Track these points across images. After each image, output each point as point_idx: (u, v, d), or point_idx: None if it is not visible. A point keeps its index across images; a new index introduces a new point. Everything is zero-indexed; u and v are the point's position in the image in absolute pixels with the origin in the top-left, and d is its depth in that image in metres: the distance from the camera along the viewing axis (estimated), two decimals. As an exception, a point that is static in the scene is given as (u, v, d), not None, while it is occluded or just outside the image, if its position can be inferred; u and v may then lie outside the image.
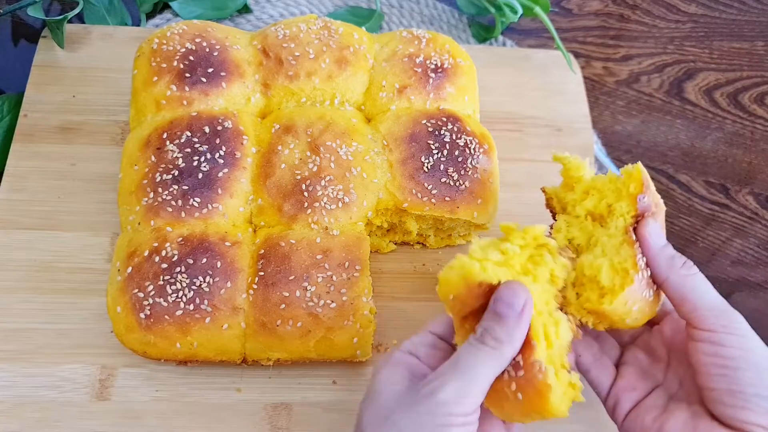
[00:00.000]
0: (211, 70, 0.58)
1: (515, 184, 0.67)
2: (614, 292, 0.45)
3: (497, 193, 0.59)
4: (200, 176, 0.54)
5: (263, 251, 0.53)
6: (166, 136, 0.55)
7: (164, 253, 0.51)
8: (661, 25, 0.87)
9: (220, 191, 0.54)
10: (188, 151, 0.55)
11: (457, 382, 0.38)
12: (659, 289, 0.45)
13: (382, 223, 0.58)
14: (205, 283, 0.50)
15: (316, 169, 0.55)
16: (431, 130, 0.58)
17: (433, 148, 0.58)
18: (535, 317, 0.41)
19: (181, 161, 0.54)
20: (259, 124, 0.60)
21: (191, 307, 0.50)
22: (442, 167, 0.57)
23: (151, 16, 0.78)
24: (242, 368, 0.55)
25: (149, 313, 0.50)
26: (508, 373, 0.40)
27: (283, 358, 0.52)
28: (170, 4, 0.76)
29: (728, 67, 0.84)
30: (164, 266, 0.51)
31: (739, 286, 0.73)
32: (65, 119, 0.65)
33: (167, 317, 0.50)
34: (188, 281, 0.50)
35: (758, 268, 0.74)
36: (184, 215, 0.53)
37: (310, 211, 0.54)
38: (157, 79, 0.58)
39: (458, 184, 0.57)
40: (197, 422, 0.53)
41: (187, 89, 0.58)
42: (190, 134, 0.55)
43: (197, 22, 0.62)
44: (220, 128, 0.56)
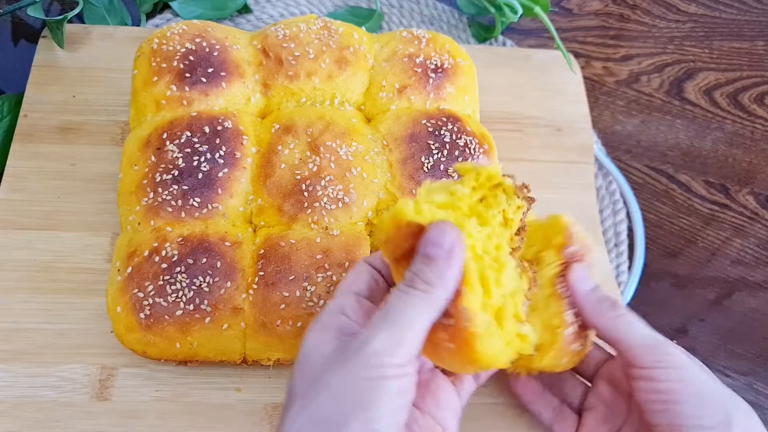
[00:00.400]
0: (211, 70, 0.58)
1: (515, 184, 0.67)
2: (544, 349, 0.45)
3: (497, 193, 0.59)
4: (200, 176, 0.54)
5: (263, 251, 0.53)
6: (166, 136, 0.55)
7: (164, 253, 0.51)
8: (661, 25, 0.87)
9: (220, 191, 0.54)
10: (188, 151, 0.55)
11: (388, 330, 0.35)
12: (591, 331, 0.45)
13: (382, 223, 0.59)
14: (205, 283, 0.50)
15: (316, 169, 0.55)
16: (431, 130, 0.58)
17: (433, 148, 0.58)
18: (470, 261, 0.39)
19: (181, 161, 0.54)
20: (259, 124, 0.60)
21: (191, 307, 0.50)
22: (442, 167, 0.57)
23: (151, 16, 0.78)
24: (242, 368, 0.55)
25: (149, 313, 0.50)
26: (440, 320, 0.38)
27: (283, 358, 0.52)
28: (170, 4, 0.76)
29: (728, 67, 0.84)
30: (164, 266, 0.51)
31: (739, 286, 0.73)
32: (65, 119, 0.65)
33: (167, 317, 0.50)
34: (188, 281, 0.50)
35: (758, 268, 0.74)
36: (184, 215, 0.53)
37: (310, 211, 0.54)
38: (157, 79, 0.58)
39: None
40: (197, 422, 0.53)
41: (187, 89, 0.58)
42: (190, 134, 0.55)
43: (197, 22, 0.62)
44: (220, 128, 0.56)
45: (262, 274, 0.52)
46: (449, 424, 0.43)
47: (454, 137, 0.58)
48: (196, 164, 0.54)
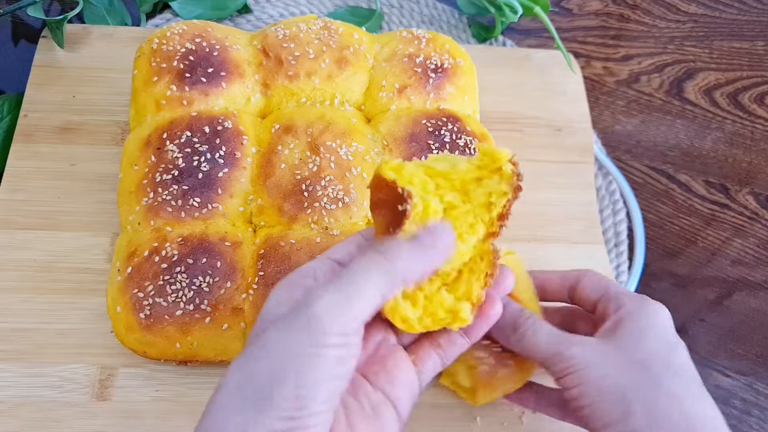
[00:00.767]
0: (211, 70, 0.58)
1: (515, 184, 0.67)
2: (474, 390, 0.50)
3: (497, 193, 0.59)
4: (200, 176, 0.54)
5: (263, 251, 0.53)
6: (166, 136, 0.55)
7: (164, 253, 0.51)
8: (661, 25, 0.87)
9: (220, 191, 0.54)
10: (188, 151, 0.55)
11: (336, 294, 0.33)
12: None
13: (382, 223, 0.59)
14: (205, 283, 0.50)
15: (316, 169, 0.55)
16: (431, 130, 0.58)
17: (433, 148, 0.58)
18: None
19: (181, 161, 0.54)
20: (259, 124, 0.60)
21: (191, 307, 0.50)
22: (442, 167, 0.57)
23: (151, 16, 0.78)
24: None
25: (149, 313, 0.50)
26: None
27: (283, 358, 0.52)
28: (170, 4, 0.76)
29: (728, 67, 0.84)
30: (164, 266, 0.51)
31: (739, 286, 0.73)
32: (65, 119, 0.65)
33: (167, 317, 0.50)
34: (188, 281, 0.50)
35: (758, 268, 0.74)
36: (184, 215, 0.53)
37: (310, 211, 0.54)
38: (157, 79, 0.58)
39: (458, 184, 0.57)
40: (197, 422, 0.53)
41: (187, 89, 0.58)
42: (190, 134, 0.55)
43: (197, 22, 0.62)
44: (220, 128, 0.56)
45: (262, 274, 0.52)
46: (402, 404, 0.40)
47: (454, 137, 0.58)
48: (196, 164, 0.54)
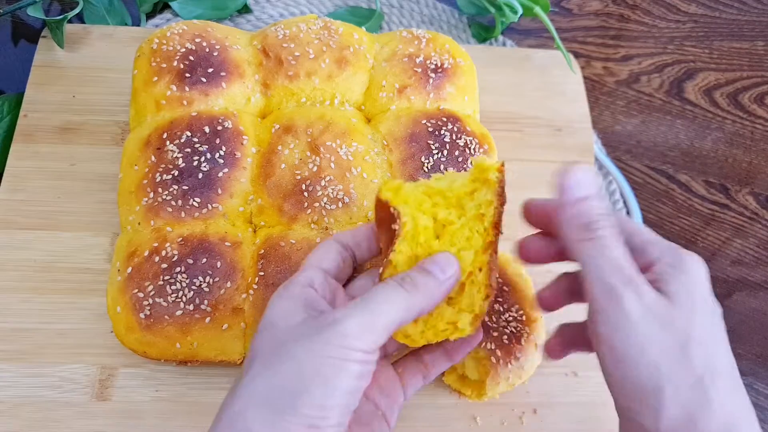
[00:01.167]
0: (211, 70, 0.58)
1: (515, 184, 0.66)
2: (482, 383, 0.52)
3: (497, 193, 0.59)
4: (200, 176, 0.54)
5: (263, 251, 0.53)
6: (166, 136, 0.55)
7: (164, 253, 0.51)
8: (661, 25, 0.87)
9: (220, 191, 0.54)
10: (188, 151, 0.55)
11: (363, 316, 0.36)
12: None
13: (382, 223, 0.59)
14: (205, 283, 0.50)
15: (316, 169, 0.55)
16: (431, 130, 0.58)
17: (433, 148, 0.58)
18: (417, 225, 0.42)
19: (181, 161, 0.54)
20: (259, 124, 0.60)
21: (191, 307, 0.50)
22: (442, 167, 0.57)
23: (151, 16, 0.78)
24: (242, 368, 0.55)
25: (149, 313, 0.50)
26: None
27: (283, 358, 0.52)
28: (170, 4, 0.76)
29: (728, 67, 0.84)
30: (164, 266, 0.51)
31: (739, 286, 0.73)
32: (65, 119, 0.65)
33: (167, 317, 0.50)
34: (188, 281, 0.50)
35: (758, 268, 0.74)
36: (184, 215, 0.53)
37: (310, 211, 0.54)
38: (157, 79, 0.58)
39: (458, 184, 0.57)
40: (197, 422, 0.53)
41: (187, 89, 0.58)
42: (190, 134, 0.55)
43: (197, 22, 0.62)
44: (220, 128, 0.56)
45: (262, 274, 0.52)
46: (391, 415, 0.44)
47: (454, 137, 0.58)
48: (196, 164, 0.54)
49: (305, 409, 0.33)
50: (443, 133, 0.58)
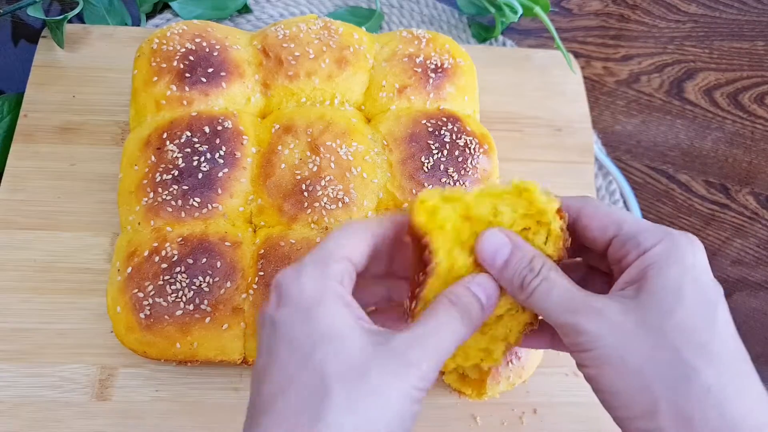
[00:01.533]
0: (211, 70, 0.58)
1: (515, 184, 0.67)
2: (482, 382, 0.52)
3: (497, 193, 0.59)
4: (200, 176, 0.54)
5: (263, 251, 0.53)
6: (166, 136, 0.55)
7: (164, 253, 0.51)
8: (661, 25, 0.87)
9: (220, 191, 0.54)
10: (188, 151, 0.55)
11: (434, 354, 0.34)
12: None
13: (382, 223, 0.58)
14: (205, 283, 0.51)
15: (316, 169, 0.55)
16: (431, 130, 0.58)
17: (433, 148, 0.58)
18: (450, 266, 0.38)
19: (181, 161, 0.54)
20: (259, 124, 0.60)
21: (191, 307, 0.50)
22: (442, 167, 0.57)
23: (151, 16, 0.78)
24: (242, 368, 0.55)
25: (149, 313, 0.50)
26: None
27: (283, 358, 0.52)
28: (170, 4, 0.76)
29: (728, 67, 0.84)
30: (164, 266, 0.51)
31: (739, 286, 0.73)
32: (65, 119, 0.65)
33: (167, 317, 0.50)
34: (188, 281, 0.50)
35: (758, 268, 0.74)
36: (184, 215, 0.53)
37: (310, 211, 0.54)
38: (157, 79, 0.58)
39: (458, 184, 0.57)
40: (197, 422, 0.53)
41: (187, 89, 0.58)
42: (190, 134, 0.55)
43: (197, 22, 0.62)
44: (220, 128, 0.56)
45: (262, 274, 0.52)
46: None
47: (454, 137, 0.58)
48: (196, 164, 0.54)
49: None
50: (443, 133, 0.58)
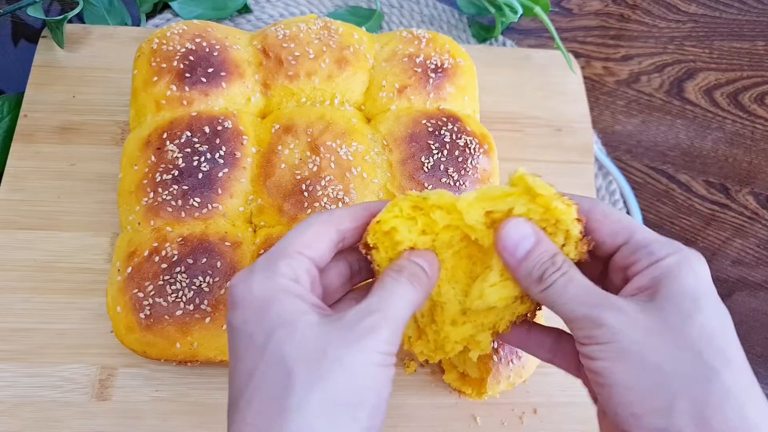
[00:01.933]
0: (211, 70, 0.58)
1: (515, 184, 0.67)
2: (482, 381, 0.52)
3: (497, 193, 0.59)
4: (200, 176, 0.54)
5: (263, 251, 0.53)
6: (166, 136, 0.55)
7: (164, 253, 0.51)
8: (661, 25, 0.87)
9: (220, 191, 0.54)
10: (188, 151, 0.55)
11: (391, 321, 0.34)
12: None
13: (382, 223, 0.58)
14: (204, 283, 0.50)
15: (316, 169, 0.55)
16: (431, 130, 0.58)
17: (433, 148, 0.58)
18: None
19: (181, 161, 0.54)
20: (259, 124, 0.60)
21: (191, 307, 0.50)
22: (442, 167, 0.57)
23: (151, 16, 0.78)
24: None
25: (149, 313, 0.50)
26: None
27: (283, 358, 0.52)
28: (170, 4, 0.76)
29: (728, 67, 0.84)
30: (164, 266, 0.51)
31: (739, 286, 0.73)
32: (65, 119, 0.65)
33: (167, 317, 0.50)
34: (188, 281, 0.50)
35: (758, 268, 0.74)
36: (184, 215, 0.53)
37: (310, 211, 0.54)
38: (157, 79, 0.58)
39: (458, 184, 0.57)
40: (197, 422, 0.53)
41: (187, 89, 0.58)
42: (190, 134, 0.55)
43: (197, 22, 0.62)
44: (220, 128, 0.56)
45: (262, 274, 0.52)
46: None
47: (454, 137, 0.58)
48: (196, 164, 0.54)
49: (364, 421, 0.32)
50: (443, 133, 0.58)
